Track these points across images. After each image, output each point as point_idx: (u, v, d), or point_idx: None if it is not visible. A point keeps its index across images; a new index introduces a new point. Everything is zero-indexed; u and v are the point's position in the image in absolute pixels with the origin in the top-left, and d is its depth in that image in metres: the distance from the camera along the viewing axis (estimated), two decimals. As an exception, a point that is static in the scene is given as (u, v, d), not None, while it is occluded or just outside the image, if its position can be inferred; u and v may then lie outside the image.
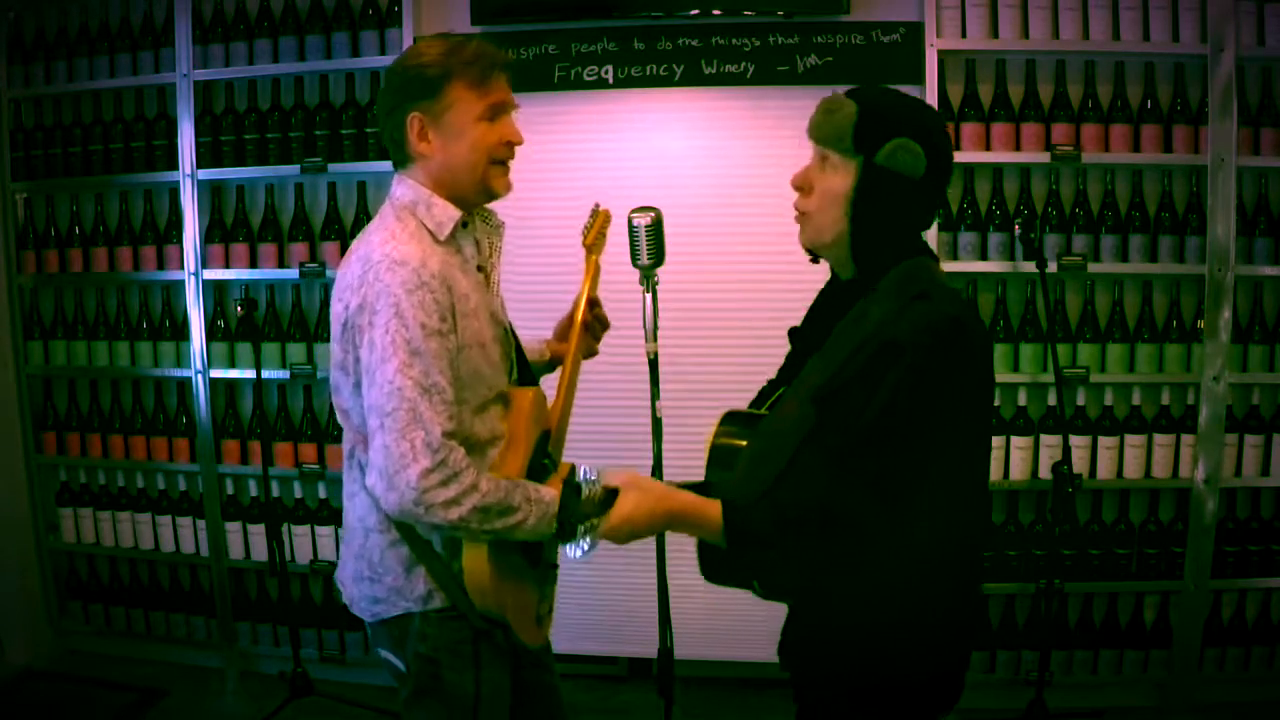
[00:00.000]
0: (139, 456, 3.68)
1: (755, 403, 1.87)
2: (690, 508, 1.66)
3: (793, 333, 1.90)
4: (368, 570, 1.89)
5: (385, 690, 3.50)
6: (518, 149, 1.90)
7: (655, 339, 1.87)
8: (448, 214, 1.84)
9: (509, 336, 1.96)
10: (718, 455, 1.78)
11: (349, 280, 1.79)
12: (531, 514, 1.79)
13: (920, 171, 1.68)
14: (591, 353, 2.22)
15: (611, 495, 1.67)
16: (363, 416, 1.80)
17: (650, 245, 1.83)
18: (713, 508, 1.64)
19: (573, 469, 1.73)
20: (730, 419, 1.82)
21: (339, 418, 1.90)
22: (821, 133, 1.72)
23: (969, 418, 1.65)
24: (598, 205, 2.23)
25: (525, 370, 2.00)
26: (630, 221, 1.85)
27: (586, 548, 1.72)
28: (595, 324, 2.20)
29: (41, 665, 3.76)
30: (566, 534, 1.74)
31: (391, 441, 1.70)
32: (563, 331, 2.20)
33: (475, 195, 1.87)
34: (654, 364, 1.88)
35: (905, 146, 1.66)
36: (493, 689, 1.91)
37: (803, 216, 1.76)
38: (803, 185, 1.75)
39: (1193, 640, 3.26)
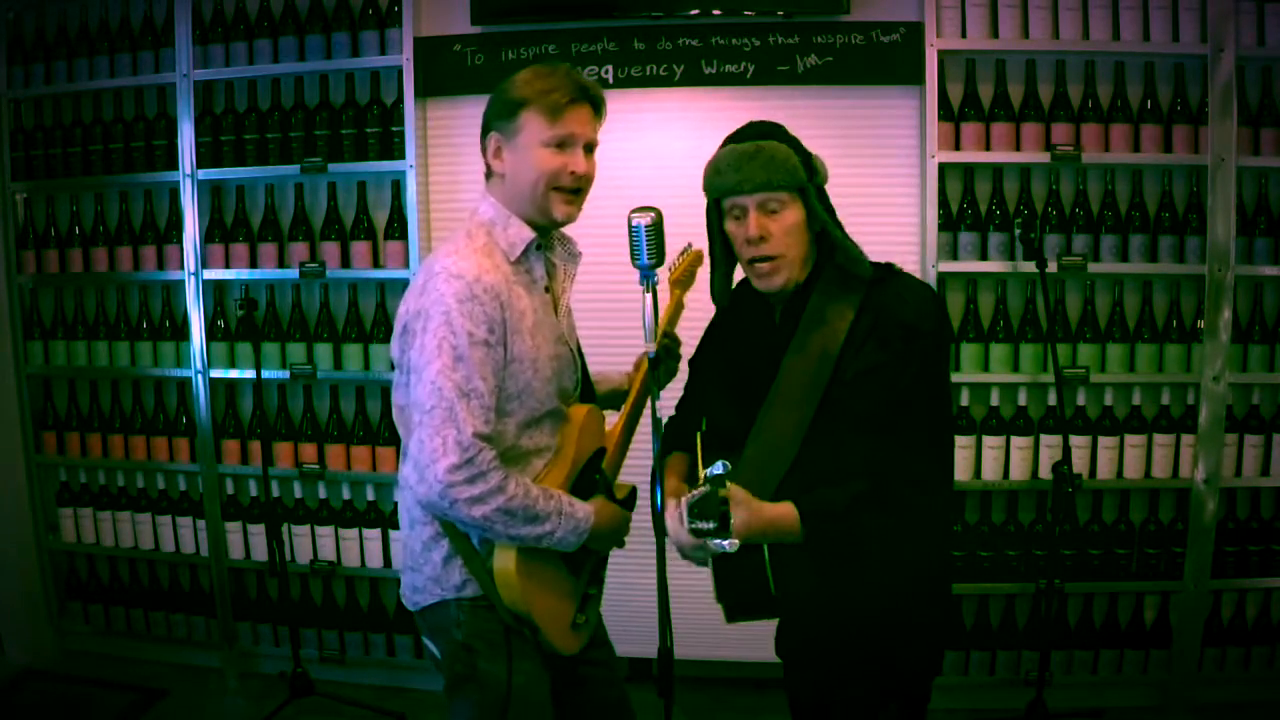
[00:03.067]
0: (139, 456, 3.68)
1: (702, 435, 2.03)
2: (777, 512, 1.78)
3: (699, 361, 2.13)
4: (409, 560, 2.00)
5: (385, 690, 3.51)
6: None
7: (655, 339, 1.87)
8: (521, 235, 1.96)
9: (575, 358, 2.05)
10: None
11: (414, 287, 1.92)
12: (560, 527, 1.90)
13: (827, 171, 1.94)
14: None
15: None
16: None
17: (651, 245, 1.83)
18: (786, 507, 1.78)
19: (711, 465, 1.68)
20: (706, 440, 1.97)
21: (394, 414, 2.01)
22: (777, 179, 1.85)
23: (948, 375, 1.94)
24: (690, 245, 2.32)
25: (588, 391, 2.12)
26: (630, 221, 1.85)
27: (734, 542, 1.65)
28: (667, 357, 2.28)
29: (41, 665, 3.76)
30: (723, 529, 1.64)
31: (426, 436, 1.81)
32: (640, 362, 2.29)
33: (537, 217, 1.97)
34: (654, 364, 1.89)
35: (816, 157, 1.92)
36: (526, 680, 1.96)
37: (779, 261, 1.88)
38: (762, 235, 1.86)
39: (1193, 640, 3.26)
